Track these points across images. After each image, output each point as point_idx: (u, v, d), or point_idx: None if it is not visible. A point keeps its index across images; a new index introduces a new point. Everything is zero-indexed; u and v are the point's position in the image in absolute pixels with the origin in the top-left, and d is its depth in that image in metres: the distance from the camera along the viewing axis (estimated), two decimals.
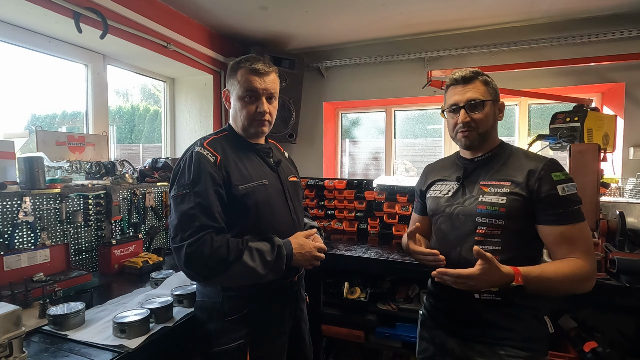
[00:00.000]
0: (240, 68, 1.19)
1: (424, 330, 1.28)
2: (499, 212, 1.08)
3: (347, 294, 1.91)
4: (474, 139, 1.16)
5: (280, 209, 1.23)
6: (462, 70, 1.18)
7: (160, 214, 2.17)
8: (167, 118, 2.95)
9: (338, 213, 2.50)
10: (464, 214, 1.15)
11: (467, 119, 1.14)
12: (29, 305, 1.26)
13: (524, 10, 2.33)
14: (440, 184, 1.28)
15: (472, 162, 1.21)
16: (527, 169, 1.09)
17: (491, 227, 1.09)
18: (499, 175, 1.13)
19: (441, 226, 1.21)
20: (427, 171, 1.40)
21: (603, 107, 2.60)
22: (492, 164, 1.17)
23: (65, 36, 1.98)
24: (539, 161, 1.10)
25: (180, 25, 2.39)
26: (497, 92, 1.19)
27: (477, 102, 1.13)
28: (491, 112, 1.16)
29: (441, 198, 1.24)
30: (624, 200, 2.05)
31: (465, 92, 1.15)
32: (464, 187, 1.19)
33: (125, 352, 1.01)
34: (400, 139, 3.25)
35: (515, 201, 1.07)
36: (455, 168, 1.27)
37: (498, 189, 1.11)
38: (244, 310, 1.15)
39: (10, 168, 1.54)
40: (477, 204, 1.12)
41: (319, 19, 2.49)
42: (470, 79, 1.15)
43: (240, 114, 1.20)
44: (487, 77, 1.17)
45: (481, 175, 1.17)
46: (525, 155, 1.16)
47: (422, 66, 2.78)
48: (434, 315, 1.24)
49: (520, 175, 1.09)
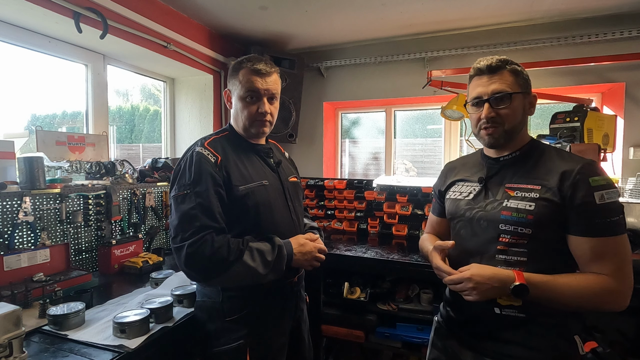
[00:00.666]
0: (241, 68, 1.19)
1: (437, 338, 1.19)
2: (526, 220, 0.96)
3: (347, 294, 1.91)
4: (499, 137, 1.04)
5: (280, 210, 1.23)
6: (488, 58, 1.04)
7: (160, 214, 2.17)
8: (167, 118, 2.95)
9: (338, 213, 2.50)
10: (485, 220, 1.03)
11: (491, 113, 1.02)
12: (29, 305, 1.26)
13: (524, 10, 2.33)
14: (461, 185, 1.17)
15: (497, 161, 1.09)
16: (561, 170, 0.96)
17: (516, 235, 0.98)
18: (527, 178, 1.01)
19: (460, 231, 1.12)
20: (447, 170, 1.28)
21: (603, 107, 2.60)
22: (520, 165, 1.05)
23: (65, 36, 1.98)
24: (576, 162, 0.96)
25: (180, 25, 2.39)
26: (529, 83, 1.05)
27: (504, 94, 1.00)
28: (520, 106, 1.02)
29: (461, 201, 1.13)
30: (624, 200, 2.05)
31: (490, 83, 1.02)
32: (487, 189, 1.08)
33: (125, 352, 1.01)
34: (400, 139, 3.25)
35: (546, 208, 0.95)
36: (478, 167, 1.15)
37: (526, 194, 0.98)
38: (244, 310, 1.15)
39: (10, 168, 1.54)
40: (501, 209, 1.00)
41: (319, 19, 2.49)
42: (497, 69, 1.02)
43: (242, 114, 1.20)
44: (517, 66, 1.04)
45: (507, 177, 1.05)
46: (560, 155, 1.02)
47: (422, 66, 2.78)
48: (450, 325, 1.15)
49: (553, 178, 0.96)
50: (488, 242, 1.03)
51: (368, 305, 1.90)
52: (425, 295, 1.84)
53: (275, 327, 1.21)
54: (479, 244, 1.05)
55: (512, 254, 0.99)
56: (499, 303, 0.98)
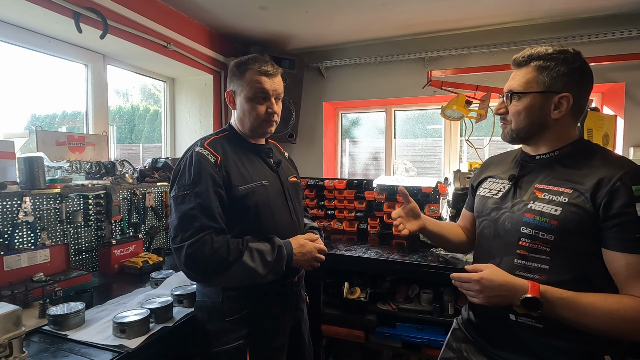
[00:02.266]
0: (248, 69, 1.19)
1: (452, 340, 1.16)
2: (549, 225, 0.89)
3: (347, 294, 1.91)
4: (507, 134, 1.01)
5: (280, 210, 1.23)
6: (524, 51, 1.01)
7: (160, 214, 2.17)
8: (167, 118, 2.95)
9: (338, 213, 2.50)
10: (510, 222, 0.97)
11: (500, 109, 1.00)
12: (29, 305, 1.26)
13: (524, 10, 2.33)
14: (492, 182, 1.11)
15: (532, 159, 1.01)
16: (600, 175, 0.86)
17: (538, 241, 0.90)
18: (561, 180, 0.93)
19: (484, 231, 1.07)
20: (485, 165, 1.23)
21: (603, 107, 2.60)
22: (557, 166, 0.96)
23: (65, 36, 1.98)
24: (620, 168, 0.86)
25: (180, 25, 2.39)
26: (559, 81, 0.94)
27: (513, 93, 0.97)
28: (536, 106, 0.95)
29: (489, 198, 1.08)
30: None
31: (513, 77, 0.99)
32: (517, 188, 1.01)
33: (125, 352, 1.01)
34: (400, 139, 3.25)
35: (574, 214, 0.86)
36: (513, 165, 1.08)
37: (554, 197, 0.91)
38: (244, 310, 1.15)
39: (10, 168, 1.54)
40: (525, 211, 0.94)
41: (319, 19, 2.48)
42: (522, 63, 0.98)
43: (250, 115, 1.20)
44: (547, 61, 0.95)
45: (540, 177, 0.97)
46: (604, 157, 0.91)
47: (422, 66, 2.78)
48: (468, 328, 1.11)
49: (588, 183, 0.87)
50: (509, 245, 0.97)
51: (368, 305, 1.89)
52: (425, 295, 1.84)
53: (275, 327, 1.21)
54: (500, 246, 1.00)
55: (532, 260, 0.92)
56: (514, 309, 0.91)
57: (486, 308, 0.94)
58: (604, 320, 0.81)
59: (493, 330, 1.01)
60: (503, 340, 0.98)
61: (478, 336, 1.06)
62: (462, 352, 1.10)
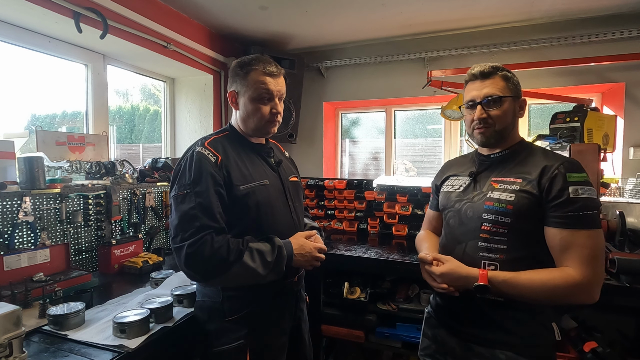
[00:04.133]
0: (252, 70, 1.18)
1: (427, 328, 1.28)
2: (506, 210, 1.04)
3: (347, 294, 1.91)
4: (490, 136, 1.12)
5: (280, 209, 1.23)
6: (481, 65, 1.14)
7: (160, 214, 2.17)
8: (167, 118, 2.95)
9: (338, 213, 2.50)
10: (471, 210, 1.12)
11: (483, 115, 1.11)
12: (29, 305, 1.26)
13: (524, 10, 2.33)
14: (454, 179, 1.26)
15: (488, 158, 1.18)
16: (542, 165, 1.04)
17: (497, 224, 1.05)
18: (512, 172, 1.10)
19: (449, 221, 1.20)
20: (446, 167, 1.39)
21: (603, 107, 2.60)
22: (508, 162, 1.14)
23: (65, 36, 1.98)
24: (557, 160, 1.05)
25: (180, 25, 2.39)
26: (519, 88, 1.15)
27: (495, 98, 1.09)
28: (510, 109, 1.11)
29: (452, 193, 1.22)
30: (624, 200, 2.05)
31: (483, 87, 1.12)
32: (476, 182, 1.17)
33: (125, 352, 1.01)
34: (400, 139, 3.25)
35: (525, 199, 1.03)
36: (471, 164, 1.25)
37: (508, 186, 1.07)
38: (244, 310, 1.15)
39: (10, 168, 1.54)
40: (485, 200, 1.09)
41: (319, 19, 2.49)
42: (489, 74, 1.12)
43: (254, 116, 1.20)
44: (507, 72, 1.13)
45: (495, 172, 1.14)
46: (544, 153, 1.11)
47: (422, 66, 2.78)
48: (439, 314, 1.23)
49: (535, 172, 1.05)
50: (472, 230, 1.11)
51: (368, 305, 1.89)
52: (425, 295, 1.84)
53: (275, 327, 1.21)
54: (465, 232, 1.13)
55: (493, 242, 1.06)
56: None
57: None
58: (540, 291, 0.97)
59: (462, 310, 1.13)
60: (472, 318, 1.11)
61: (450, 319, 1.18)
62: (437, 338, 1.21)
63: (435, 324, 1.24)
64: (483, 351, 1.07)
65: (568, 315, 1.70)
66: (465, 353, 1.11)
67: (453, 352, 1.15)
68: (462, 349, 1.12)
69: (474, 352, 1.08)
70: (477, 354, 1.08)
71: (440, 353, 1.19)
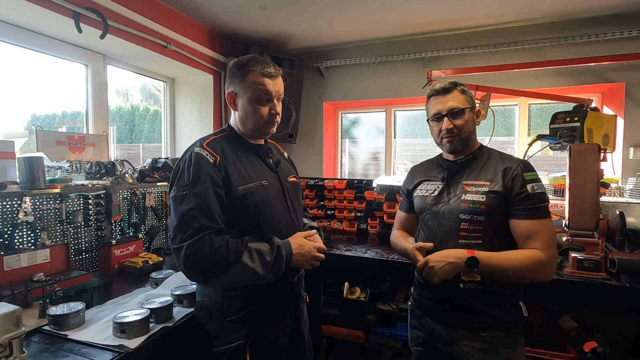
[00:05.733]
0: (250, 71, 1.18)
1: (413, 320, 1.39)
2: (480, 209, 1.19)
3: (347, 294, 1.91)
4: (457, 144, 1.27)
5: (279, 210, 1.23)
6: (441, 81, 1.30)
7: (160, 214, 2.17)
8: (167, 118, 2.95)
9: (338, 213, 2.50)
10: (449, 212, 1.25)
11: (450, 125, 1.25)
12: (29, 305, 1.27)
13: (524, 10, 2.33)
14: (427, 184, 1.39)
15: (455, 163, 1.33)
16: (503, 168, 1.22)
17: (473, 222, 1.20)
18: (479, 176, 1.25)
19: (428, 223, 1.32)
20: (414, 172, 1.53)
21: (603, 107, 2.60)
22: (473, 166, 1.29)
23: (65, 36, 1.98)
24: (513, 162, 1.23)
25: (180, 25, 2.40)
26: (474, 100, 1.31)
27: (458, 110, 1.25)
28: (470, 118, 1.28)
29: (427, 197, 1.34)
30: (624, 200, 2.05)
31: (446, 101, 1.27)
32: (449, 186, 1.31)
33: (125, 352, 1.02)
34: (400, 139, 3.25)
35: (494, 199, 1.19)
36: (439, 169, 1.38)
37: (479, 188, 1.22)
38: (243, 310, 1.15)
39: (10, 168, 1.54)
40: (461, 202, 1.23)
41: (319, 19, 2.48)
42: (449, 89, 1.27)
43: (253, 117, 1.20)
44: (463, 86, 1.29)
45: (464, 176, 1.29)
46: (501, 157, 1.29)
47: (422, 66, 2.78)
48: (423, 305, 1.34)
49: (498, 175, 1.22)
50: (452, 230, 1.24)
51: (368, 305, 1.90)
52: None
53: (275, 327, 1.21)
54: (445, 232, 1.26)
55: (471, 238, 1.21)
56: (462, 279, 1.19)
57: (440, 284, 1.18)
58: (516, 267, 1.12)
59: (446, 299, 1.26)
60: (455, 306, 1.23)
61: (435, 309, 1.29)
62: (425, 326, 1.32)
63: (421, 314, 1.35)
64: (467, 333, 1.21)
65: (568, 315, 1.70)
66: (451, 336, 1.23)
67: (441, 338, 1.27)
68: (449, 333, 1.24)
69: (459, 335, 1.22)
70: (463, 336, 1.21)
71: (430, 340, 1.31)
